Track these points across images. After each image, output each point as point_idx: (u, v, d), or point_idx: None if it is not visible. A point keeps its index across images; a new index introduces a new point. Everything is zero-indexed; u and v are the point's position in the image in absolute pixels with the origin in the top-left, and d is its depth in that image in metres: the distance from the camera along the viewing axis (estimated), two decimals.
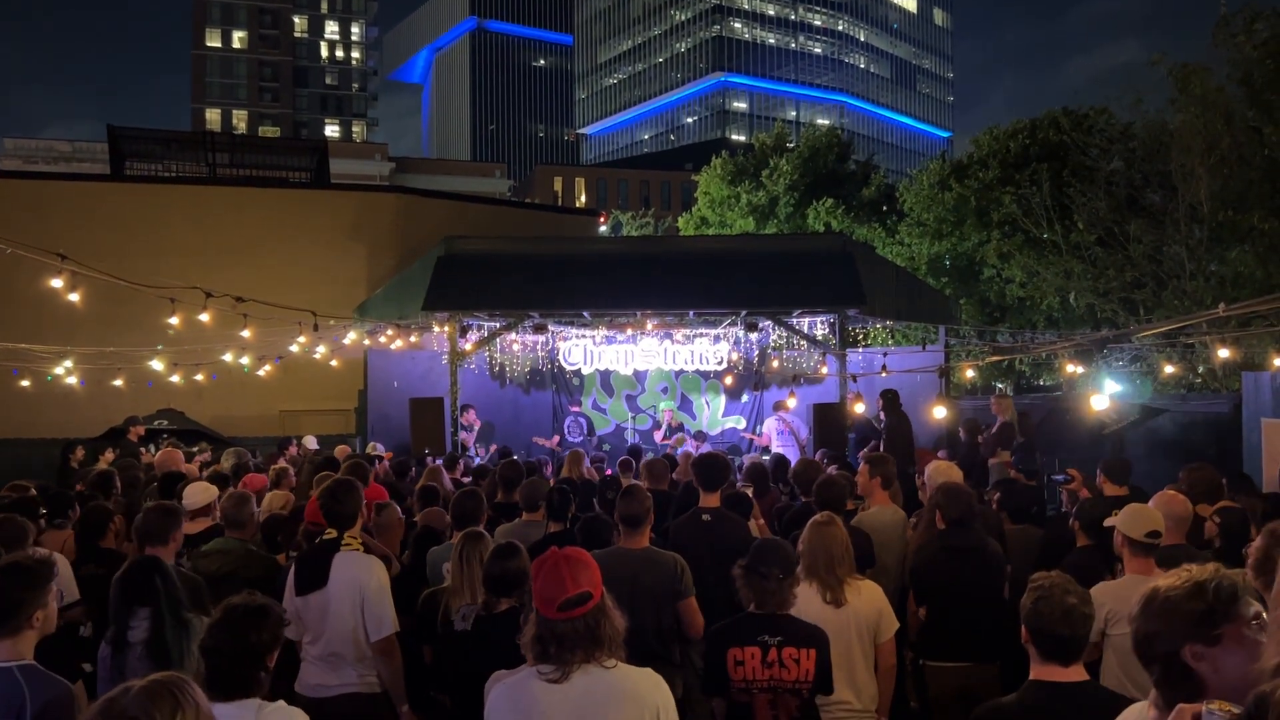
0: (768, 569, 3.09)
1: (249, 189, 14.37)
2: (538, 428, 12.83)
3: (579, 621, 2.22)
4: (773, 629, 3.08)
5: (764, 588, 3.09)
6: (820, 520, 3.56)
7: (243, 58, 78.71)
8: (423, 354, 12.33)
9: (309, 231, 13.77)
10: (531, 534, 4.61)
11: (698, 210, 30.20)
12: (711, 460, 4.66)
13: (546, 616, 2.23)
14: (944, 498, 4.04)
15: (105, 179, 15.25)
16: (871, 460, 5.00)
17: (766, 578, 3.08)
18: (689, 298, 10.49)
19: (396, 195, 15.44)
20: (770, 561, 3.12)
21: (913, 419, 9.93)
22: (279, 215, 13.87)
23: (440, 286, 10.32)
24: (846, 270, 10.32)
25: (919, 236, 21.81)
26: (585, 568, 2.29)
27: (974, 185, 20.57)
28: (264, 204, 13.95)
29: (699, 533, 4.36)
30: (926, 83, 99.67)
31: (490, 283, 10.46)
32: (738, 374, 13.14)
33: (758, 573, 3.09)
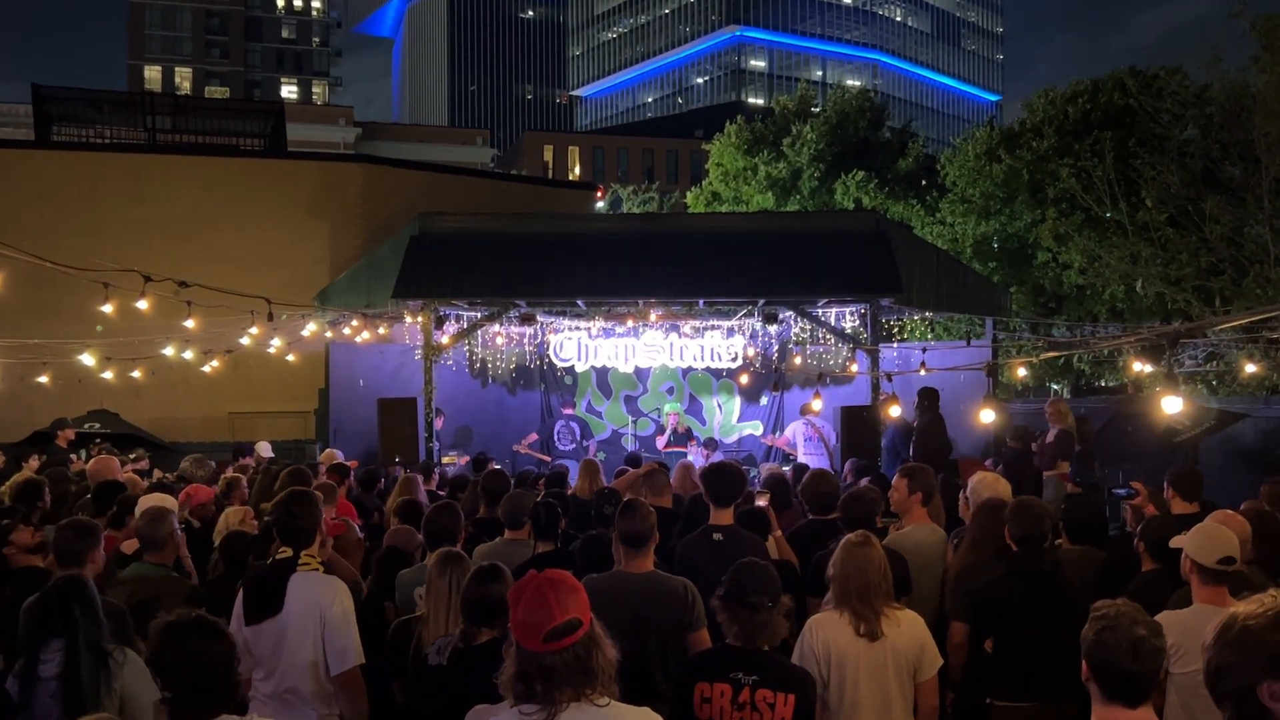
0: (756, 596, 3.05)
1: (193, 158, 14.38)
2: (525, 433, 12.84)
3: (567, 653, 2.20)
4: (749, 665, 3.03)
5: (752, 620, 3.05)
6: (855, 540, 3.54)
7: (186, 7, 78.69)
8: (393, 348, 12.34)
9: (263, 207, 13.77)
10: (516, 555, 4.62)
11: (709, 184, 30.21)
12: (723, 470, 4.66)
13: (529, 649, 2.22)
14: (1013, 515, 4.01)
15: (28, 146, 15.24)
16: (910, 472, 4.98)
17: (756, 608, 3.04)
18: (698, 284, 10.49)
19: (363, 166, 15.49)
20: (755, 588, 3.07)
21: (956, 424, 9.92)
22: (228, 188, 13.86)
23: (413, 271, 10.31)
24: (880, 253, 10.30)
25: (963, 215, 21.80)
26: (571, 592, 2.29)
27: (1026, 156, 20.55)
28: (211, 175, 13.94)
29: (710, 554, 4.34)
30: (972, 38, 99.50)
31: (470, 266, 10.45)
32: (754, 372, 13.13)
33: (743, 602, 3.06)
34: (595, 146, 61.18)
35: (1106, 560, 4.85)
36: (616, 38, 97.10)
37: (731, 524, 4.54)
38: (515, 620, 2.27)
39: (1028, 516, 4.01)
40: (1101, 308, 18.98)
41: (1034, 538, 3.98)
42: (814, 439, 11.51)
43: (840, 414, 10.24)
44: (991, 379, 10.90)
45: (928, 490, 4.92)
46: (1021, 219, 20.80)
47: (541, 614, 2.22)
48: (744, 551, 4.26)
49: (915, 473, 4.96)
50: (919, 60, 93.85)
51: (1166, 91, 18.32)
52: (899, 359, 11.85)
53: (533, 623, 2.22)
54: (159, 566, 4.33)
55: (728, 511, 4.56)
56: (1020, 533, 3.99)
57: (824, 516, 5.07)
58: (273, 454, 10.66)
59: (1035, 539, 3.98)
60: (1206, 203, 15.11)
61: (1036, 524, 4.00)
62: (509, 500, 5.06)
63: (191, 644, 2.37)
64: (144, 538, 4.39)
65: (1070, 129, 20.51)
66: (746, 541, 4.48)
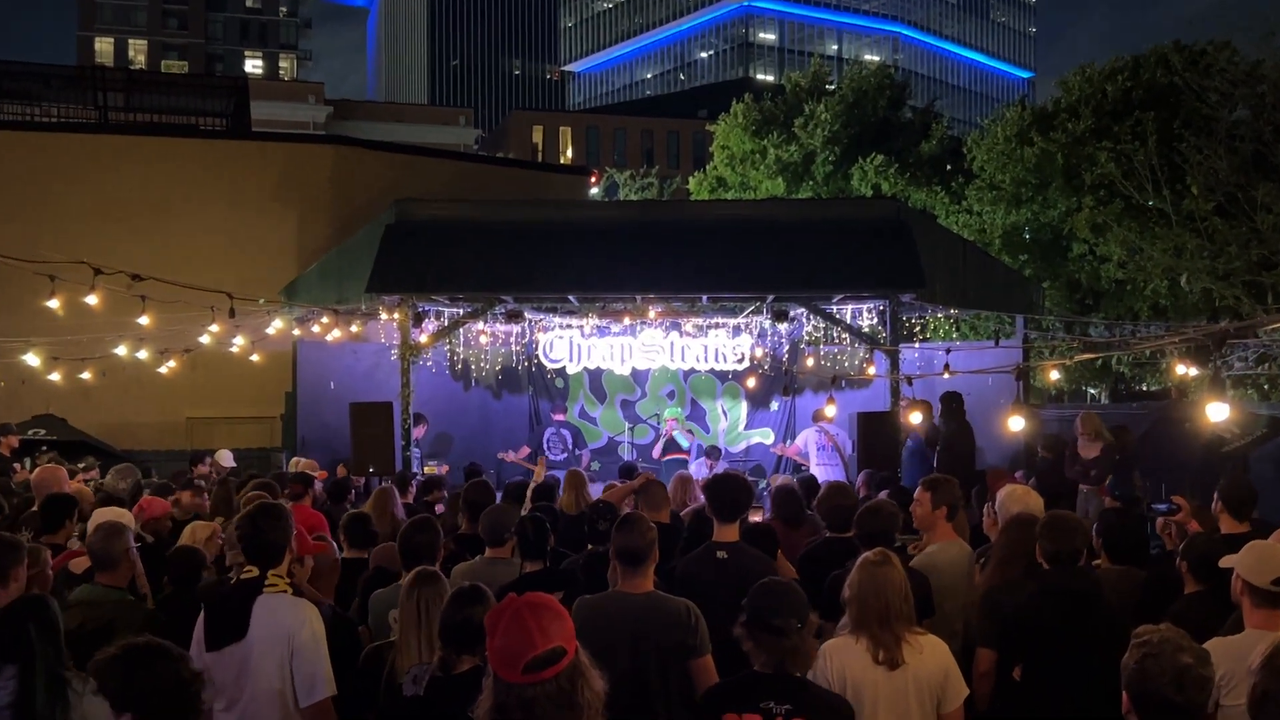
0: (782, 619, 3.04)
1: (148, 139, 14.36)
2: (512, 441, 12.84)
3: (550, 685, 2.19)
4: (781, 694, 3.01)
5: (781, 645, 3.03)
6: (873, 559, 3.54)
7: None
8: (367, 347, 12.35)
9: (224, 192, 13.76)
10: (499, 575, 4.63)
11: (713, 169, 30.23)
12: (728, 482, 4.66)
13: (508, 680, 2.20)
14: (1045, 530, 4.02)
15: None
16: (934, 484, 4.98)
17: (784, 631, 3.03)
18: (702, 278, 10.50)
19: (335, 147, 15.51)
20: (781, 610, 3.07)
21: (983, 432, 9.92)
22: (187, 172, 13.85)
23: (389, 262, 10.32)
24: (900, 245, 10.32)
25: (992, 203, 21.85)
26: (555, 617, 2.29)
27: (1061, 139, 20.59)
28: (168, 157, 13.92)
29: (714, 574, 4.34)
30: (1002, 10, 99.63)
31: (452, 258, 10.44)
32: (763, 375, 13.15)
33: (768, 627, 3.04)
34: (589, 127, 61.18)
35: (1147, 581, 4.86)
36: (612, 8, 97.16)
37: (737, 541, 4.52)
38: (493, 648, 2.25)
39: (1061, 531, 4.00)
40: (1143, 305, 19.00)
41: (1068, 555, 3.97)
42: (828, 448, 11.54)
43: (856, 421, 10.26)
44: (1022, 383, 10.93)
45: (953, 504, 4.91)
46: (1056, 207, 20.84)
47: (521, 642, 2.21)
48: (751, 570, 4.29)
49: (940, 485, 4.95)
50: (944, 33, 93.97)
51: (1215, 69, 18.34)
52: (921, 361, 11.89)
53: (511, 651, 2.21)
54: (113, 589, 4.30)
55: (733, 527, 4.54)
56: (1053, 549, 3.98)
57: (842, 533, 5.08)
58: (234, 463, 10.68)
59: (1069, 556, 3.97)
60: (1258, 190, 15.14)
61: (1070, 540, 3.99)
62: (490, 515, 5.06)
63: (157, 668, 2.36)
64: (97, 556, 4.35)
65: (1109, 109, 20.55)
66: (754, 560, 4.47)
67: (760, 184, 28.03)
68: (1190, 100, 18.10)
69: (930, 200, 24.48)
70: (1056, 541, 3.99)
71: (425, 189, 13.26)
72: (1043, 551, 4.01)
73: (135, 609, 4.32)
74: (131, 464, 7.68)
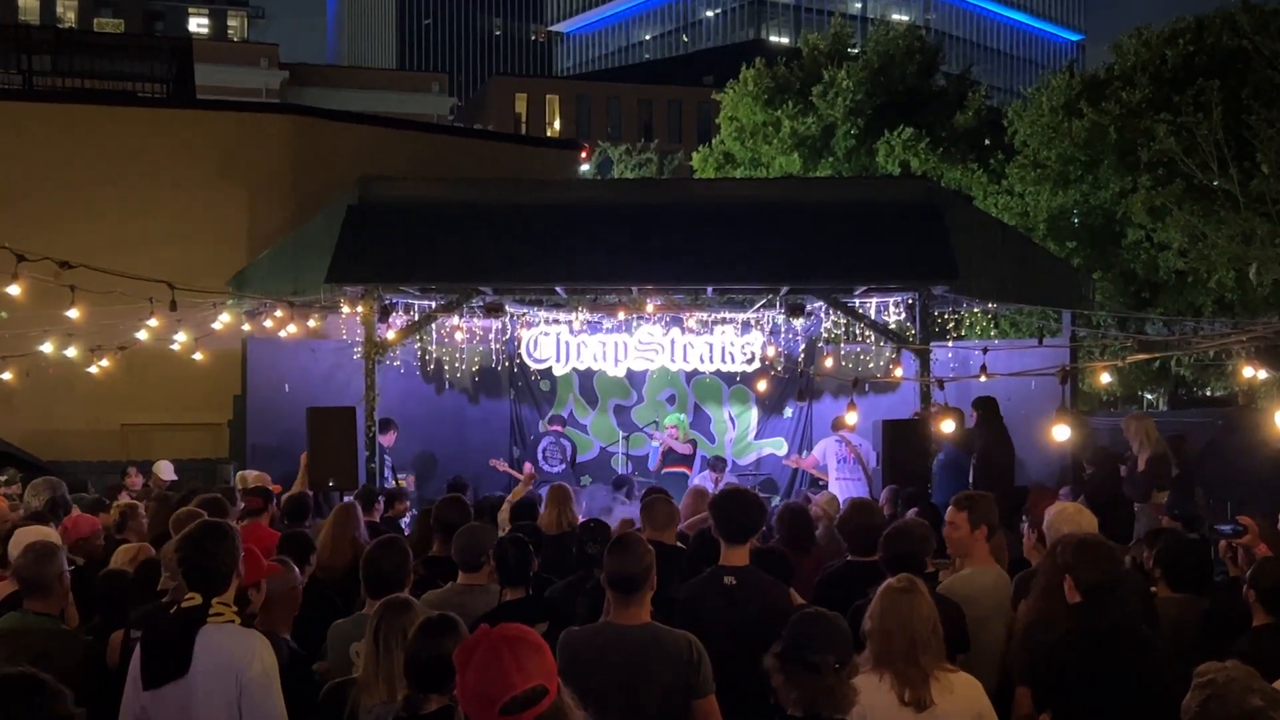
0: (819, 656, 3.06)
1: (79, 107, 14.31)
2: (491, 452, 12.83)
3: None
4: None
5: (815, 684, 3.05)
6: (897, 586, 3.54)
7: None
8: (326, 345, 12.33)
9: (165, 168, 13.72)
10: (474, 604, 4.62)
11: (720, 143, 30.26)
12: (736, 498, 4.66)
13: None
14: (1076, 557, 4.00)
15: None
16: (970, 502, 4.98)
17: (821, 670, 3.05)
18: (706, 267, 10.50)
19: (290, 118, 15.49)
20: (820, 644, 3.09)
21: (1025, 442, 9.92)
22: (122, 144, 13.81)
23: (351, 248, 10.31)
24: (932, 230, 10.32)
25: (1035, 183, 21.88)
26: (534, 652, 2.31)
27: (1115, 110, 20.62)
28: (101, 128, 13.89)
29: (720, 603, 4.35)
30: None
31: (423, 243, 10.45)
32: (775, 378, 13.15)
33: (804, 663, 3.06)
34: (579, 95, 61.20)
35: (1209, 611, 4.88)
36: None
37: (747, 565, 4.52)
38: (465, 687, 2.27)
39: (1095, 559, 3.98)
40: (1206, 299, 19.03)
41: (1105, 586, 3.95)
42: (849, 460, 11.54)
43: (881, 429, 10.24)
44: (1069, 387, 10.89)
45: (992, 524, 4.91)
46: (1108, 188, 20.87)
47: (497, 680, 2.22)
48: (763, 599, 4.36)
49: (976, 503, 4.94)
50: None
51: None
52: (955, 361, 11.85)
53: (486, 690, 2.22)
54: (45, 617, 4.29)
55: (742, 549, 4.53)
56: (1090, 579, 3.96)
57: (866, 557, 5.09)
58: (175, 476, 10.67)
59: (1106, 588, 3.95)
60: None
61: (1105, 568, 3.98)
62: (464, 535, 5.04)
63: (32, 703, 2.35)
64: (27, 580, 4.35)
65: (1169, 77, 20.59)
66: (766, 587, 4.47)
67: (773, 160, 28.05)
68: (1260, 67, 18.15)
69: (966, 180, 24.52)
70: (1091, 571, 3.97)
71: (393, 165, 13.25)
72: (1076, 583, 3.99)
73: (71, 640, 4.33)
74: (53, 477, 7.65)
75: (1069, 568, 4.01)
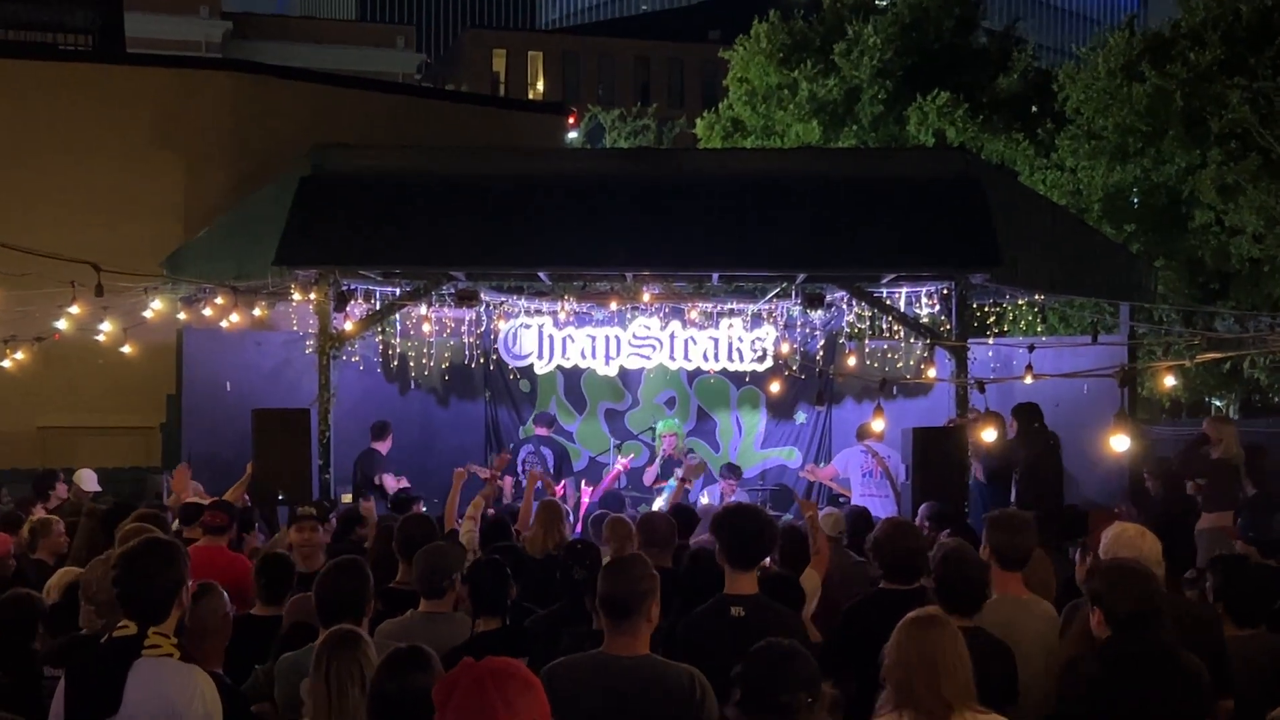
0: (790, 695, 3.09)
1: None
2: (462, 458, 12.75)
3: None
4: None
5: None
6: (920, 618, 3.57)
7: None
8: (274, 337, 12.34)
9: (90, 132, 13.71)
10: (441, 635, 4.64)
11: (728, 108, 30.16)
12: (743, 516, 4.69)
13: None
14: (1106, 583, 4.02)
15: None
16: (1002, 523, 5.02)
17: (791, 710, 3.08)
18: (712, 250, 10.50)
19: (234, 75, 15.47)
20: (787, 681, 3.12)
21: (1077, 453, 9.98)
22: (41, 104, 13.80)
23: (304, 226, 10.30)
24: (970, 209, 10.34)
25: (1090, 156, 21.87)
26: (524, 689, 2.34)
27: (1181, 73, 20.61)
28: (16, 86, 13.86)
29: (727, 638, 4.28)
30: None
31: (386, 221, 10.44)
32: (790, 378, 13.13)
33: (772, 705, 3.09)
34: (566, 52, 60.98)
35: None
36: None
37: (755, 593, 4.54)
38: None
39: (1129, 586, 3.99)
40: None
41: (1138, 619, 3.95)
42: (874, 474, 11.57)
43: (911, 438, 10.26)
44: (1127, 391, 10.96)
45: (1019, 550, 4.98)
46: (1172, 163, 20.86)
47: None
48: (778, 633, 4.25)
49: (1008, 524, 5.03)
50: None
51: None
52: (996, 361, 11.87)
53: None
54: None
55: (750, 576, 4.55)
56: (1121, 611, 3.97)
57: (904, 585, 5.07)
58: (98, 486, 10.65)
59: (1140, 619, 3.95)
60: None
61: (1140, 598, 3.96)
62: (425, 556, 5.06)
63: None
64: None
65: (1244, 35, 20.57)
66: (780, 619, 4.49)
67: (789, 129, 27.95)
68: None
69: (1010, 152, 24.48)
70: (1121, 599, 3.96)
71: (352, 131, 13.26)
72: (1104, 614, 3.99)
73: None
74: None
75: (1097, 597, 4.05)
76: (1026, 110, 27.23)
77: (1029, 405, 9.95)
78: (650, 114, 42.87)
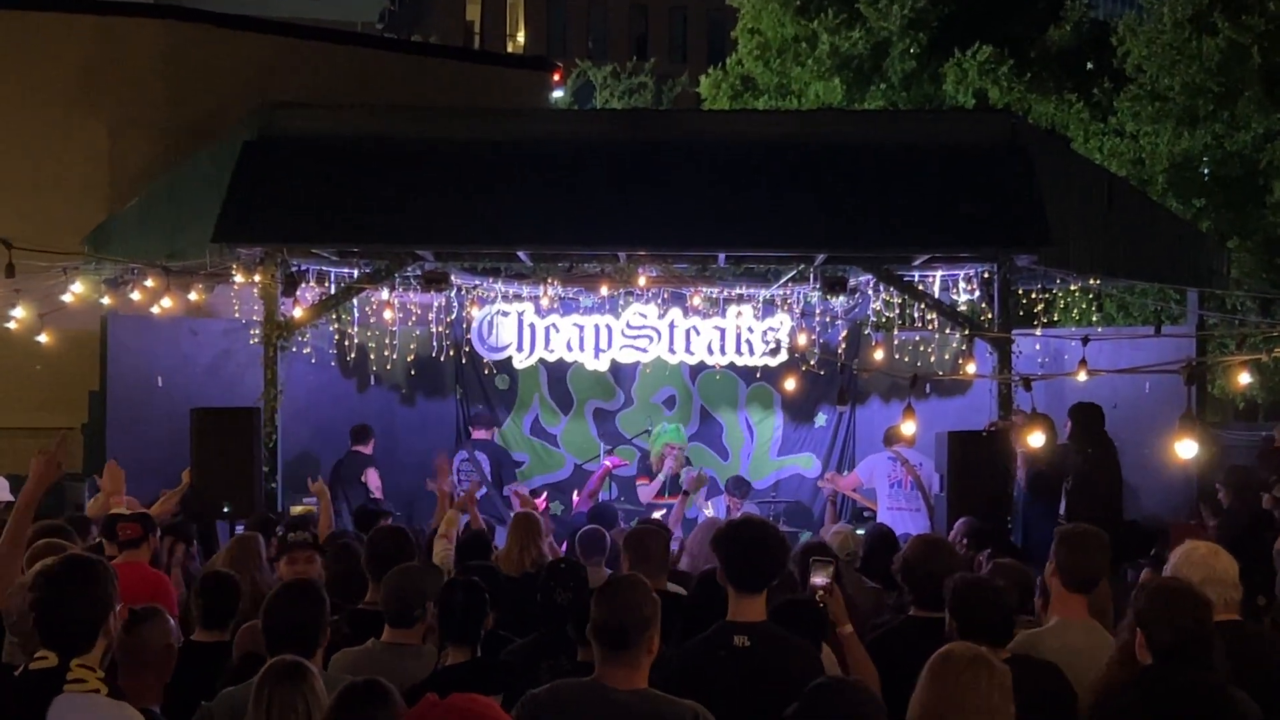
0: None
1: None
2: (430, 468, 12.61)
3: None
4: None
5: None
6: (954, 657, 3.55)
7: None
8: (212, 325, 12.39)
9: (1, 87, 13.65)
10: (407, 669, 4.72)
11: (737, 63, 30.18)
12: (750, 533, 4.71)
13: None
14: (1150, 604, 4.07)
15: None
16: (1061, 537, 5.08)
17: None
18: (717, 228, 10.52)
19: (166, 24, 15.36)
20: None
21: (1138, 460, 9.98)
22: None
23: (248, 197, 10.32)
24: (1016, 180, 10.36)
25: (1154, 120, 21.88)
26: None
27: (1259, 25, 20.58)
28: None
29: (730, 671, 4.40)
30: None
31: (342, 192, 10.46)
32: (808, 374, 13.16)
33: None
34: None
35: None
36: None
37: (764, 621, 4.56)
38: None
39: (1176, 610, 4.02)
40: None
41: (1185, 648, 3.98)
42: (904, 484, 11.56)
43: (947, 443, 10.22)
44: (1195, 389, 10.91)
45: (1085, 571, 5.02)
46: (1248, 129, 20.88)
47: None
48: (788, 666, 4.36)
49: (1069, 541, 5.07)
50: None
51: None
52: (1044, 355, 11.96)
53: None
54: None
55: (757, 600, 4.57)
56: (1164, 638, 3.99)
57: (937, 612, 5.09)
58: (11, 496, 10.54)
59: (1186, 649, 3.98)
60: None
61: (1186, 626, 3.99)
62: (395, 578, 5.15)
63: None
64: None
65: None
66: (791, 650, 4.50)
67: (807, 87, 28.00)
68: None
69: (1061, 115, 24.53)
70: (1165, 625, 4.00)
71: (304, 88, 13.38)
72: (1145, 639, 4.04)
73: None
74: None
75: (1140, 620, 4.09)
76: (1081, 67, 27.32)
77: (1088, 405, 9.90)
78: (647, 70, 43.07)
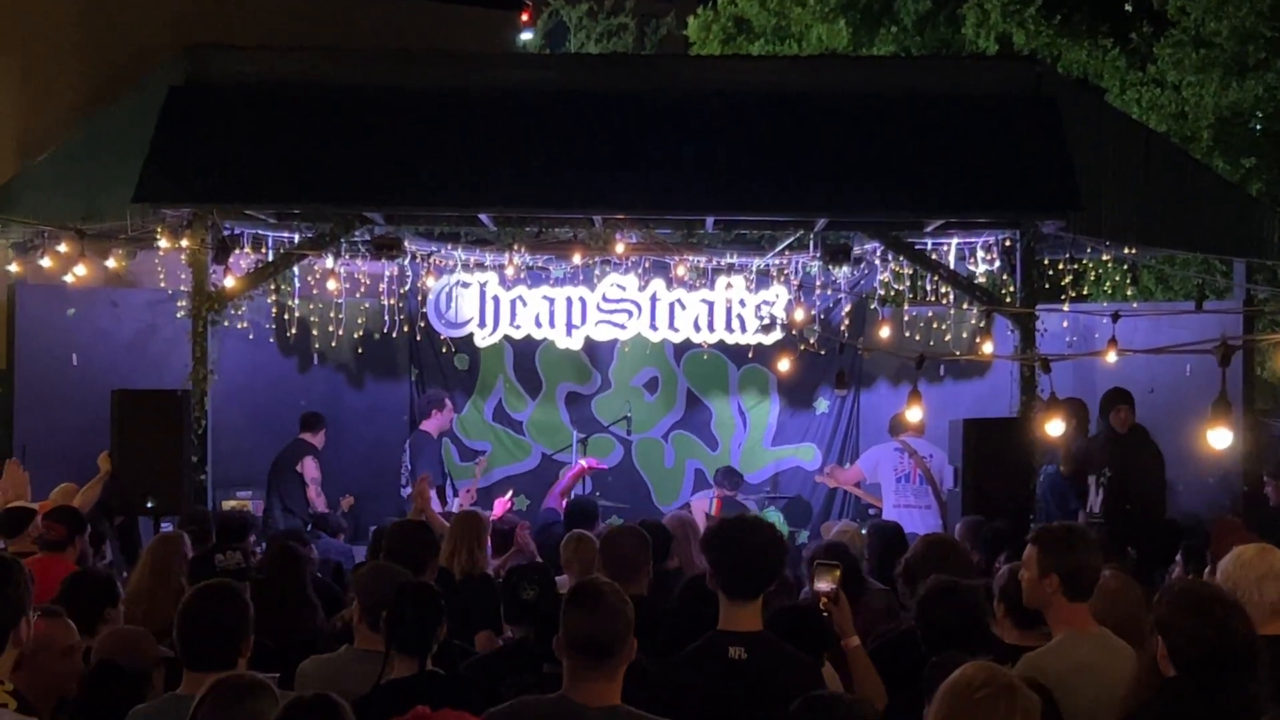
0: None
1: None
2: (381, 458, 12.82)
3: None
4: None
5: None
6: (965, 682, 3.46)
7: None
8: (134, 296, 12.39)
9: None
10: (368, 679, 4.72)
11: (729, 3, 30.09)
12: (743, 532, 4.71)
13: None
14: (1171, 611, 4.03)
15: None
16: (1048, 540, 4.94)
17: None
18: (706, 188, 10.52)
19: None
20: None
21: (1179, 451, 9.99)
22: None
23: (174, 151, 10.28)
24: (1042, 136, 10.36)
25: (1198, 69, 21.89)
26: None
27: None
28: None
29: (723, 686, 4.40)
30: None
31: (281, 146, 10.43)
32: (806, 354, 13.11)
33: None
34: None
35: None
36: None
37: (759, 630, 4.58)
38: None
39: (1202, 618, 3.99)
40: None
41: (1211, 661, 3.96)
42: (913, 477, 11.65)
43: (962, 432, 10.33)
44: (1236, 370, 10.94)
45: (1081, 572, 4.87)
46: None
47: None
48: (786, 680, 4.34)
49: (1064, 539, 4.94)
50: None
51: None
52: (1072, 333, 11.99)
53: None
54: None
55: (752, 608, 4.59)
56: (1191, 649, 3.98)
57: None
58: None
59: (1213, 662, 3.96)
60: None
61: (1212, 637, 3.97)
62: (366, 579, 5.26)
63: None
64: None
65: None
66: (790, 663, 4.52)
67: (808, 30, 27.88)
68: None
69: (1094, 63, 24.47)
70: (1191, 634, 3.97)
71: (237, 29, 13.17)
72: (1169, 650, 4.01)
73: None
74: None
75: (1162, 628, 4.04)
76: (1118, 9, 27.26)
77: (1119, 392, 10.01)
78: (628, 10, 42.57)
